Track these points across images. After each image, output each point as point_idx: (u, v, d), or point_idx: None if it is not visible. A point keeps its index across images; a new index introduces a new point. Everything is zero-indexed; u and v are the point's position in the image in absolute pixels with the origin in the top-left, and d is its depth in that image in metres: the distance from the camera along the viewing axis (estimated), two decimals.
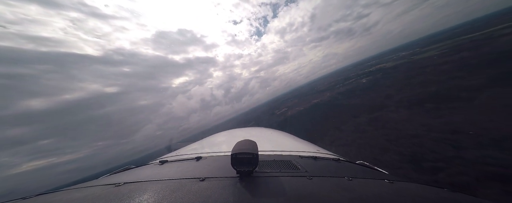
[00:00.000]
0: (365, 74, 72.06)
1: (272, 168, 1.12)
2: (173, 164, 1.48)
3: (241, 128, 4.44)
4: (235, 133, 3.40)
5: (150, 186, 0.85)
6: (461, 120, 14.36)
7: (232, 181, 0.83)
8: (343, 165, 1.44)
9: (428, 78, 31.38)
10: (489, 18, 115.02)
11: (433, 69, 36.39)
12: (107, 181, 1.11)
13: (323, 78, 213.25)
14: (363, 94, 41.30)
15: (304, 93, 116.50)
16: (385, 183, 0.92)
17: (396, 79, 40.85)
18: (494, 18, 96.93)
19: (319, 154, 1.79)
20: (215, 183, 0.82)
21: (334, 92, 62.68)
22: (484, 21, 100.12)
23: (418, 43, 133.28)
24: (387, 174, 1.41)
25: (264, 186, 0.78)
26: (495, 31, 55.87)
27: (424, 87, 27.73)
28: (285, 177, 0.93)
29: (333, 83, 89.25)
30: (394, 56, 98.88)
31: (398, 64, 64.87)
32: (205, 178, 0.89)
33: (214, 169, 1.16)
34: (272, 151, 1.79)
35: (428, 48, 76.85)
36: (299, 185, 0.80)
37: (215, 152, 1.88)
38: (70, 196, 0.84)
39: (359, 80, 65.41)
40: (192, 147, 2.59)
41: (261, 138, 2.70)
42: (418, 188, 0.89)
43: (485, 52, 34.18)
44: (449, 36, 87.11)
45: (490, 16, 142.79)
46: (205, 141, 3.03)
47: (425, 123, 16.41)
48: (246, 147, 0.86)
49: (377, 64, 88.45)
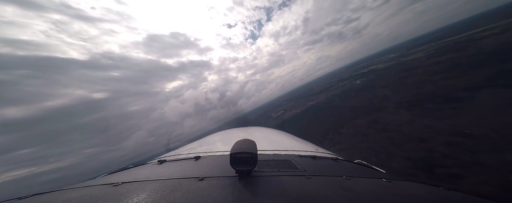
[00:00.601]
0: (358, 76, 72.96)
1: (271, 167, 1.11)
2: (171, 163, 1.47)
3: (240, 128, 4.40)
4: (234, 132, 3.38)
5: (149, 185, 0.84)
6: (468, 122, 13.73)
7: (231, 181, 0.83)
8: (342, 164, 1.42)
9: (422, 79, 31.51)
10: (469, 22, 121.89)
11: (425, 70, 36.85)
12: (105, 180, 1.09)
13: (318, 80, 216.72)
14: (359, 95, 41.09)
15: (300, 95, 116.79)
16: (382, 182, 0.92)
17: (390, 80, 41.09)
18: (475, 21, 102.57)
19: (318, 153, 1.79)
20: (214, 182, 0.82)
21: (330, 94, 62.65)
22: (465, 25, 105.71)
23: (404, 45, 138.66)
24: (385, 173, 1.39)
25: (263, 185, 0.77)
26: (476, 33, 58.60)
27: (420, 88, 27.61)
28: (284, 176, 0.93)
29: (328, 85, 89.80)
30: (384, 58, 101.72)
31: (389, 66, 66.23)
32: (204, 178, 0.88)
33: (213, 168, 1.14)
34: (271, 150, 1.78)
35: (415, 50, 79.58)
36: (297, 184, 0.80)
37: (214, 152, 1.87)
38: (67, 196, 0.82)
39: (353, 81, 65.92)
40: (190, 147, 2.58)
41: (260, 137, 2.70)
42: (415, 187, 0.89)
43: (470, 54, 35.12)
44: (433, 39, 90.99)
45: (469, 20, 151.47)
46: (204, 140, 3.00)
47: (429, 124, 15.72)
48: (245, 146, 0.85)
49: (369, 66, 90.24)
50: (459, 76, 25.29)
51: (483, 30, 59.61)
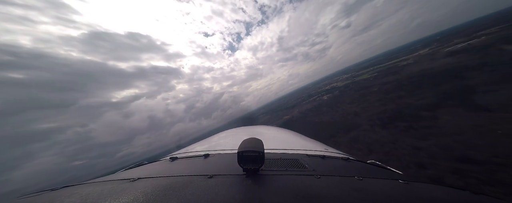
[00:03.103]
0: (324, 92, 79.03)
1: (278, 166, 1.08)
2: (182, 160, 1.49)
3: (247, 126, 4.38)
4: (242, 131, 3.37)
5: (162, 181, 0.85)
6: (453, 143, 13.26)
7: (239, 179, 0.81)
8: (353, 164, 1.34)
9: (382, 97, 34.59)
10: (393, 53, 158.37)
11: (379, 88, 41.54)
12: (124, 176, 1.11)
13: (290, 95, 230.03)
14: (331, 111, 42.21)
15: (275, 109, 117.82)
16: (399, 183, 0.83)
17: (354, 97, 44.43)
18: (396, 52, 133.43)
19: (328, 153, 1.73)
20: (223, 180, 0.81)
21: (303, 108, 64.00)
22: (390, 55, 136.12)
23: (352, 68, 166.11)
24: (401, 174, 1.28)
25: (271, 184, 0.75)
26: (398, 62, 74.34)
27: (384, 105, 29.52)
28: (292, 175, 0.89)
29: (299, 100, 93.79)
30: (340, 78, 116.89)
31: (347, 84, 74.73)
32: (213, 175, 0.88)
33: (221, 166, 1.14)
34: (279, 149, 1.73)
35: (361, 72, 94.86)
36: (306, 183, 0.76)
37: (222, 150, 1.84)
38: (91, 189, 0.86)
39: (321, 97, 70.25)
40: (200, 145, 2.61)
41: (267, 136, 2.70)
42: (436, 190, 0.79)
43: (406, 76, 42.05)
44: (371, 64, 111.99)
45: (394, 51, 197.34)
46: (213, 139, 2.97)
47: (416, 145, 14.88)
48: (252, 145, 0.84)
49: (330, 84, 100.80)
50: (410, 95, 28.30)
51: (401, 60, 76.46)
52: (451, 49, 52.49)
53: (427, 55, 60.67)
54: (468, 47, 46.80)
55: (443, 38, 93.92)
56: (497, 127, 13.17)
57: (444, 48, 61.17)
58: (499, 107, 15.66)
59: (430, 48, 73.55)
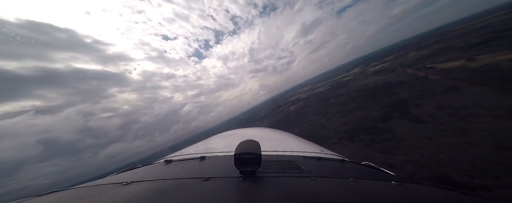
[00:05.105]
0: (291, 103, 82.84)
1: (275, 168, 1.07)
2: (177, 163, 1.42)
3: (244, 128, 4.22)
4: (238, 133, 3.29)
5: (156, 185, 0.82)
6: (421, 158, 13.31)
7: (235, 181, 0.79)
8: (348, 165, 1.34)
9: (339, 109, 37.50)
10: (338, 69, 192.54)
11: (336, 100, 46.00)
12: (115, 179, 1.06)
13: (260, 105, 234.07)
14: (300, 122, 42.46)
15: (246, 120, 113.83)
16: (392, 184, 0.85)
17: (317, 108, 47.15)
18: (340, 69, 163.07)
19: (323, 155, 1.70)
20: (219, 182, 0.79)
21: (273, 120, 63.31)
22: (335, 71, 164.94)
23: (309, 82, 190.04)
24: (395, 175, 1.30)
25: (268, 186, 0.74)
26: (343, 77, 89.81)
27: (344, 117, 31.46)
28: (288, 177, 0.89)
29: (269, 111, 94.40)
30: (301, 90, 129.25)
31: (309, 95, 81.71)
32: (209, 178, 0.85)
33: (217, 169, 1.11)
34: (275, 151, 1.71)
35: (317, 85, 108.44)
36: (302, 185, 0.76)
37: (218, 152, 1.79)
38: (81, 194, 0.82)
39: (288, 108, 72.61)
40: (196, 147, 2.50)
41: (264, 138, 2.57)
42: (428, 190, 0.81)
43: (353, 90, 49.19)
44: (323, 79, 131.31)
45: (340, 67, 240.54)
46: (209, 141, 2.88)
47: (387, 161, 14.42)
48: (249, 147, 0.82)
49: (295, 95, 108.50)
50: (362, 108, 31.50)
51: (343, 76, 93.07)
52: (374, 70, 67.81)
53: (360, 73, 75.91)
54: (383, 69, 61.55)
55: (365, 61, 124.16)
56: (446, 139, 14.40)
57: (369, 68, 79.03)
58: (430, 119, 18.20)
59: (360, 68, 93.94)
